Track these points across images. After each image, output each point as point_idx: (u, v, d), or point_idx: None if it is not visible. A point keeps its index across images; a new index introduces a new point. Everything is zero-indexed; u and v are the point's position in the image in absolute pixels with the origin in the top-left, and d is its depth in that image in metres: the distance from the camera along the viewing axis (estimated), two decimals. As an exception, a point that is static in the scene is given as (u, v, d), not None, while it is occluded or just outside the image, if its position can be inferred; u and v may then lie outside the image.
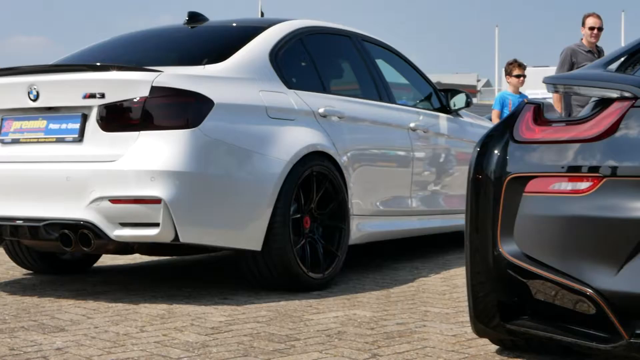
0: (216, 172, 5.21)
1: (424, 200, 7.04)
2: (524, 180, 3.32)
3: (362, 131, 6.36)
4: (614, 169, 3.12)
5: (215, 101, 5.23)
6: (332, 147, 5.86)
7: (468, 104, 7.59)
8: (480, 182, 3.43)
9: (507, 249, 3.35)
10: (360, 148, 6.26)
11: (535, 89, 19.72)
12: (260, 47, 5.89)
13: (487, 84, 79.04)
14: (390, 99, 6.89)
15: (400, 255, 7.36)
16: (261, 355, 3.88)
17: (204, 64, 5.61)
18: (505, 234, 3.35)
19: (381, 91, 6.80)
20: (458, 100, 7.58)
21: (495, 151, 3.42)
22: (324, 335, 4.30)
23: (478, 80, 76.15)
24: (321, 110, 5.94)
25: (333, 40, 6.72)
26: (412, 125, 6.92)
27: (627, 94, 3.19)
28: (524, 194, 3.31)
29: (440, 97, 7.60)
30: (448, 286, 5.79)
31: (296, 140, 5.59)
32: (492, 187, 3.38)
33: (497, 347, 3.98)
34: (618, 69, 3.92)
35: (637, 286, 3.01)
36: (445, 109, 7.59)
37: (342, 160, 5.95)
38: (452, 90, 7.74)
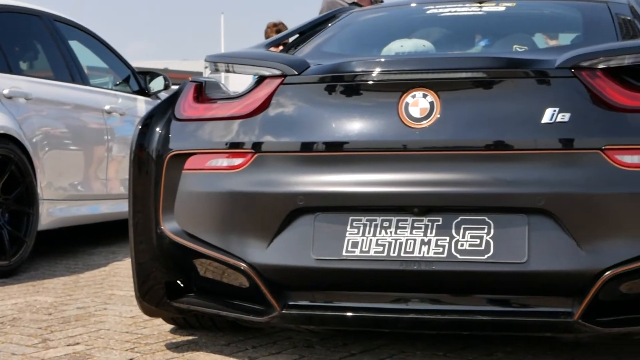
0: None
1: (121, 184, 6.94)
2: (183, 157, 3.32)
3: (52, 113, 6.18)
4: (265, 144, 3.17)
5: None
6: (18, 129, 5.66)
7: (166, 86, 7.55)
8: (141, 160, 3.40)
9: (169, 227, 3.34)
10: (49, 131, 6.08)
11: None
12: (-63, 25, 5.60)
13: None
14: (84, 81, 6.74)
15: (98, 240, 7.24)
16: None
17: None
18: (167, 212, 3.35)
19: (74, 73, 6.63)
20: (156, 83, 7.53)
21: (157, 129, 3.40)
22: (-3, 322, 4.15)
23: (205, 67, 76.40)
24: (6, 92, 5.72)
25: (21, 19, 6.47)
26: (107, 107, 6.81)
27: (276, 72, 3.26)
28: (183, 171, 3.31)
29: (138, 80, 7.51)
30: (140, 269, 5.74)
31: (-23, 122, 5.36)
32: (154, 165, 3.36)
33: (172, 326, 3.99)
34: (284, 49, 4.03)
35: (286, 259, 3.09)
36: (144, 91, 7.52)
37: (30, 143, 5.76)
38: (151, 73, 7.68)
